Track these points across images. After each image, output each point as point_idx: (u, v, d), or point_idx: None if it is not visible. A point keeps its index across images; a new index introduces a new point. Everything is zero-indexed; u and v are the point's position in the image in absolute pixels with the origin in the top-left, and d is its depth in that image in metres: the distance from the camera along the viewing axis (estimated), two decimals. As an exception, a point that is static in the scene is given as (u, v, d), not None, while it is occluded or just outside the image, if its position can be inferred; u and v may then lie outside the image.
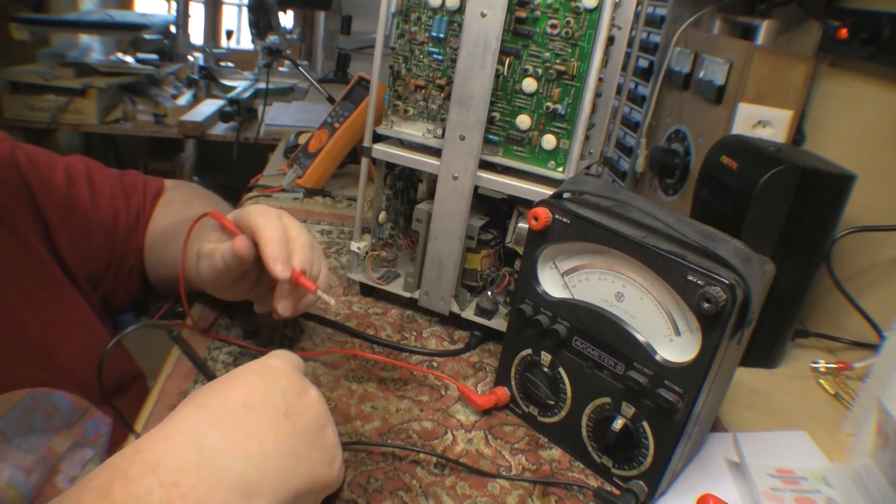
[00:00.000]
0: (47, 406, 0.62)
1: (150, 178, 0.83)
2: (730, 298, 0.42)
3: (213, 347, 0.63)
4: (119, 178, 0.79)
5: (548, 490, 0.50)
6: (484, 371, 0.64)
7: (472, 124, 0.61)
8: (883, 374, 0.56)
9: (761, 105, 0.79)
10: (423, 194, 0.75)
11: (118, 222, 0.75)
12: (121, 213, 0.76)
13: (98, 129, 2.16)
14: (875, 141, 0.75)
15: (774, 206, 0.64)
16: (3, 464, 0.57)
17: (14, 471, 0.58)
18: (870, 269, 0.75)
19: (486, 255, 0.69)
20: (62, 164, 0.74)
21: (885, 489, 0.49)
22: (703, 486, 0.52)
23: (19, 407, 0.60)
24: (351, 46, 2.43)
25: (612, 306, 0.50)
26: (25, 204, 0.66)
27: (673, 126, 0.94)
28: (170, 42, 2.70)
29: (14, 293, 0.61)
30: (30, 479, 0.59)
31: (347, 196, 1.07)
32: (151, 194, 0.81)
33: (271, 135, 1.83)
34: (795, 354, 0.75)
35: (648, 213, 0.49)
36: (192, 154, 2.82)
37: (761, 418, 0.63)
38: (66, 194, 0.72)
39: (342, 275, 0.80)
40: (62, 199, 0.71)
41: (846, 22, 0.76)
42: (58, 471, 0.62)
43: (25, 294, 0.60)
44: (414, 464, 0.51)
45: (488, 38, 0.58)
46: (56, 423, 0.63)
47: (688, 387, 0.45)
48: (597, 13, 0.57)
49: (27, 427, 0.60)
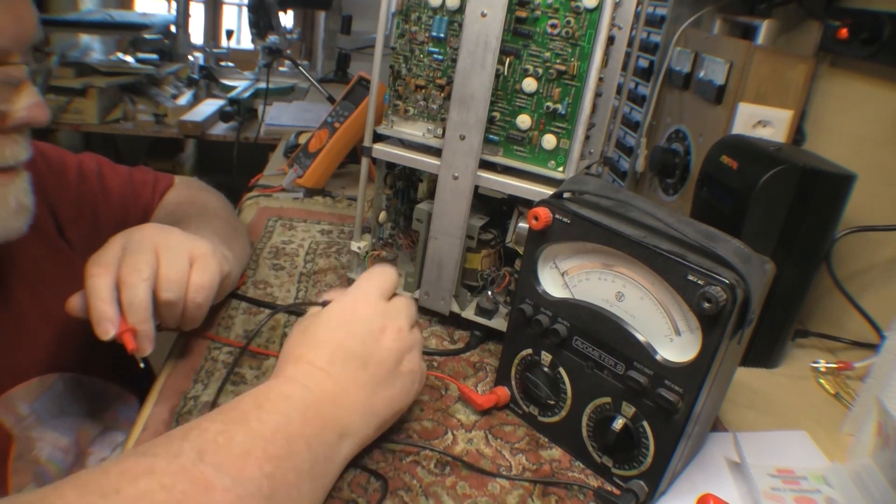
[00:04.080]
0: (77, 391, 0.64)
1: (161, 175, 0.84)
2: (730, 298, 0.42)
3: (212, 347, 0.63)
4: (129, 175, 0.80)
5: (548, 490, 0.50)
6: (484, 371, 0.64)
7: (473, 124, 0.61)
8: (883, 374, 0.56)
9: (761, 105, 0.79)
10: (424, 194, 0.75)
11: (128, 222, 0.76)
12: (130, 210, 0.77)
13: (98, 129, 2.16)
14: (875, 141, 0.75)
15: (774, 206, 0.64)
16: (42, 442, 0.59)
17: (52, 449, 0.60)
18: (870, 269, 0.75)
19: (487, 255, 0.69)
20: (75, 161, 0.74)
21: (885, 489, 0.49)
22: (703, 485, 0.52)
23: (51, 391, 0.62)
24: (351, 46, 2.43)
25: (612, 306, 0.50)
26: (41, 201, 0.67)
27: (673, 126, 0.94)
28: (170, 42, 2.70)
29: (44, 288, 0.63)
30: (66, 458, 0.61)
31: (347, 196, 1.07)
32: (160, 191, 0.81)
33: (271, 135, 1.83)
34: (795, 354, 0.75)
35: (649, 213, 0.49)
36: (192, 154, 2.82)
37: (761, 418, 0.63)
38: (77, 191, 0.72)
39: (342, 275, 0.80)
40: (73, 197, 0.72)
41: (846, 22, 0.75)
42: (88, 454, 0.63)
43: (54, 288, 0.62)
44: (414, 463, 0.51)
45: (488, 38, 0.58)
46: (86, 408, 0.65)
47: (688, 387, 0.45)
48: (597, 13, 0.57)
49: (58, 410, 0.62)
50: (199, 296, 0.56)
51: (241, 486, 0.37)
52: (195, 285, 0.56)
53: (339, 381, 0.47)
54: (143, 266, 0.54)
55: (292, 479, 0.40)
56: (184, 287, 0.56)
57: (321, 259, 0.84)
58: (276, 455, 0.40)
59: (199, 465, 0.36)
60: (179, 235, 0.58)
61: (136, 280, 0.53)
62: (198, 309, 0.57)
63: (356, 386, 0.47)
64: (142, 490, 0.34)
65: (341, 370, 0.47)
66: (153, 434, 0.52)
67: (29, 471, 0.58)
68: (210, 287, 0.57)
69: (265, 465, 0.39)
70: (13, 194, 0.52)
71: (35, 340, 0.61)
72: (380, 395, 0.48)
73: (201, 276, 0.57)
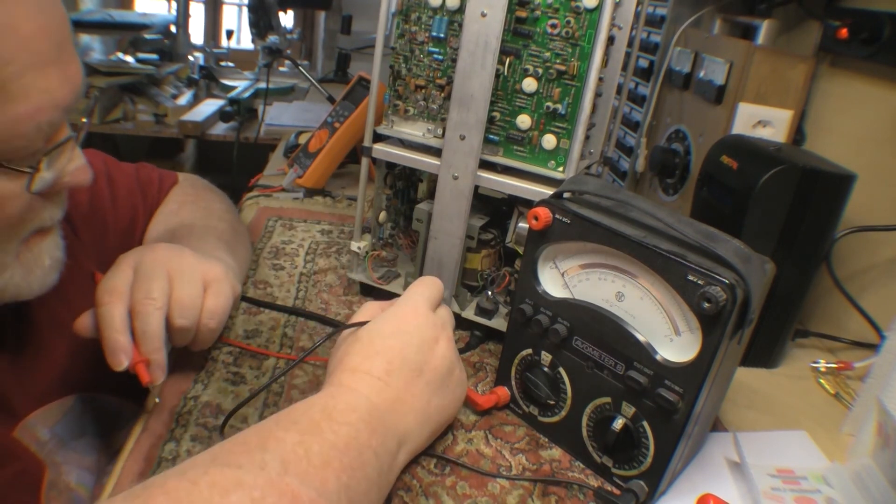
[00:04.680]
0: (95, 410, 0.63)
1: (165, 173, 0.83)
2: (730, 298, 0.42)
3: (212, 347, 0.63)
4: (136, 174, 0.79)
5: (548, 490, 0.50)
6: (484, 371, 0.64)
7: (473, 124, 0.61)
8: (883, 374, 0.56)
9: (761, 105, 0.79)
10: (424, 194, 0.75)
11: (136, 224, 0.75)
12: (138, 211, 0.76)
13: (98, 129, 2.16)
14: (875, 141, 0.75)
15: (774, 206, 0.64)
16: (69, 466, 0.57)
17: (79, 472, 0.58)
18: (870, 269, 0.75)
19: (487, 255, 0.69)
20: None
21: (885, 489, 0.49)
22: (703, 485, 0.52)
23: (71, 412, 0.60)
24: (351, 46, 2.42)
25: (612, 306, 0.50)
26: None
27: (673, 126, 0.94)
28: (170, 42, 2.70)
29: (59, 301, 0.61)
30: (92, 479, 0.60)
31: (347, 196, 1.07)
32: (166, 190, 0.80)
33: (271, 135, 1.83)
34: (795, 354, 0.75)
35: (649, 213, 0.49)
36: (192, 154, 2.81)
37: (761, 418, 0.63)
38: (88, 195, 0.71)
39: (342, 275, 0.80)
40: (84, 198, 0.70)
41: (846, 22, 0.75)
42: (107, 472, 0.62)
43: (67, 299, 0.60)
44: (414, 463, 0.51)
45: (488, 38, 0.58)
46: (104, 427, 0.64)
47: (688, 387, 0.45)
48: (597, 13, 0.57)
49: (79, 431, 0.61)
50: (213, 321, 0.56)
51: (324, 498, 0.37)
52: (209, 311, 0.56)
53: (397, 390, 0.47)
54: (156, 293, 0.53)
55: (364, 488, 0.41)
56: (198, 313, 0.55)
57: (321, 259, 0.84)
58: (351, 466, 0.40)
59: (284, 478, 0.37)
60: (192, 258, 0.57)
61: (149, 309, 0.52)
62: (211, 333, 0.57)
63: (412, 394, 0.48)
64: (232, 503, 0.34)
65: (398, 379, 0.48)
66: (152, 434, 0.52)
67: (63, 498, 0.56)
68: (224, 312, 0.57)
69: (342, 475, 0.39)
70: (47, 252, 0.51)
71: (51, 358, 0.59)
72: (434, 403, 0.49)
73: (215, 301, 0.56)
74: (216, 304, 0.56)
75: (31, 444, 0.55)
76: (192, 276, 0.56)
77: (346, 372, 0.48)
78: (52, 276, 0.52)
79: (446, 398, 0.51)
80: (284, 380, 0.59)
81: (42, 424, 0.57)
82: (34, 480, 0.54)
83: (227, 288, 0.58)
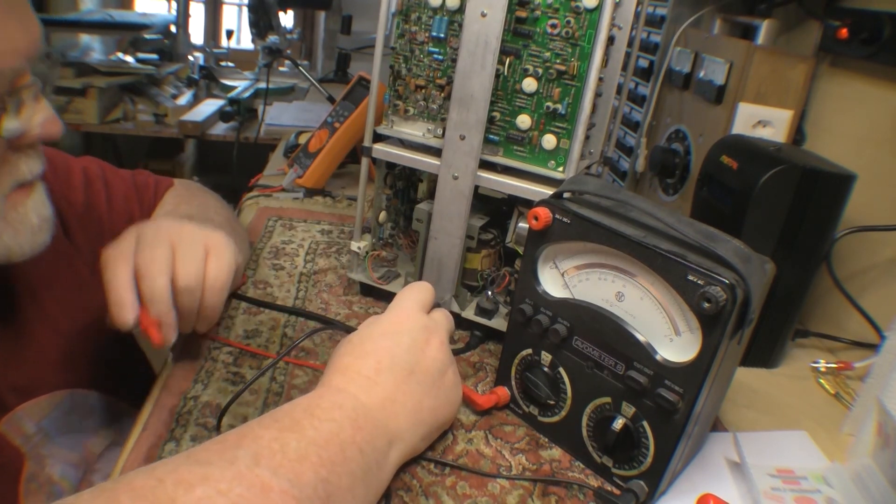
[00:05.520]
0: (84, 407, 0.63)
1: (161, 178, 0.84)
2: (730, 298, 0.42)
3: (213, 347, 0.63)
4: (132, 179, 0.80)
5: (548, 490, 0.50)
6: (484, 371, 0.64)
7: (473, 124, 0.61)
8: (883, 374, 0.56)
9: (761, 105, 0.79)
10: (424, 194, 0.75)
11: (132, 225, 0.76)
12: (135, 214, 0.76)
13: (98, 129, 2.16)
14: (875, 141, 0.75)
15: (774, 206, 0.64)
16: (53, 459, 0.58)
17: (63, 466, 0.59)
18: (870, 269, 0.75)
19: (487, 255, 0.69)
20: (79, 166, 0.74)
21: (885, 489, 0.49)
22: (703, 485, 0.52)
23: (60, 407, 0.61)
24: (351, 46, 2.42)
25: (612, 306, 0.50)
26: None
27: (673, 126, 0.94)
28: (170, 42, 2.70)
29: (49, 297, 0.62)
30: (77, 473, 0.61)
31: (347, 196, 1.07)
32: (161, 193, 0.81)
33: (271, 135, 1.83)
34: (795, 354, 0.75)
35: (648, 213, 0.49)
36: (192, 154, 2.82)
37: (761, 418, 0.63)
38: (84, 197, 0.72)
39: (342, 275, 0.80)
40: (82, 200, 0.71)
41: (846, 22, 0.75)
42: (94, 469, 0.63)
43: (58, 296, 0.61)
44: (414, 463, 0.51)
45: (488, 38, 0.58)
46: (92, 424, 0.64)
47: (688, 387, 0.45)
48: (597, 13, 0.57)
49: (66, 426, 0.61)
50: (217, 283, 0.56)
51: (298, 489, 0.37)
52: (212, 274, 0.56)
53: (387, 389, 0.47)
54: (160, 258, 0.54)
55: (347, 483, 0.40)
56: (201, 276, 0.56)
57: (321, 259, 0.84)
58: (331, 461, 0.40)
59: (254, 470, 0.37)
60: (193, 227, 0.58)
61: (154, 272, 0.53)
62: (215, 298, 0.57)
63: (403, 393, 0.48)
64: (198, 497, 0.34)
65: (388, 378, 0.48)
66: (152, 434, 0.52)
67: (43, 491, 0.57)
68: (227, 274, 0.57)
69: (320, 469, 0.39)
70: (34, 210, 0.52)
71: (41, 354, 0.60)
72: (425, 403, 0.49)
73: (218, 263, 0.57)
74: (219, 266, 0.57)
75: (16, 437, 0.56)
76: (193, 242, 0.56)
77: (337, 373, 0.48)
78: (42, 236, 0.52)
79: (439, 399, 0.50)
80: (285, 380, 0.59)
81: (29, 418, 0.58)
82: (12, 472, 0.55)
83: (228, 253, 0.58)
